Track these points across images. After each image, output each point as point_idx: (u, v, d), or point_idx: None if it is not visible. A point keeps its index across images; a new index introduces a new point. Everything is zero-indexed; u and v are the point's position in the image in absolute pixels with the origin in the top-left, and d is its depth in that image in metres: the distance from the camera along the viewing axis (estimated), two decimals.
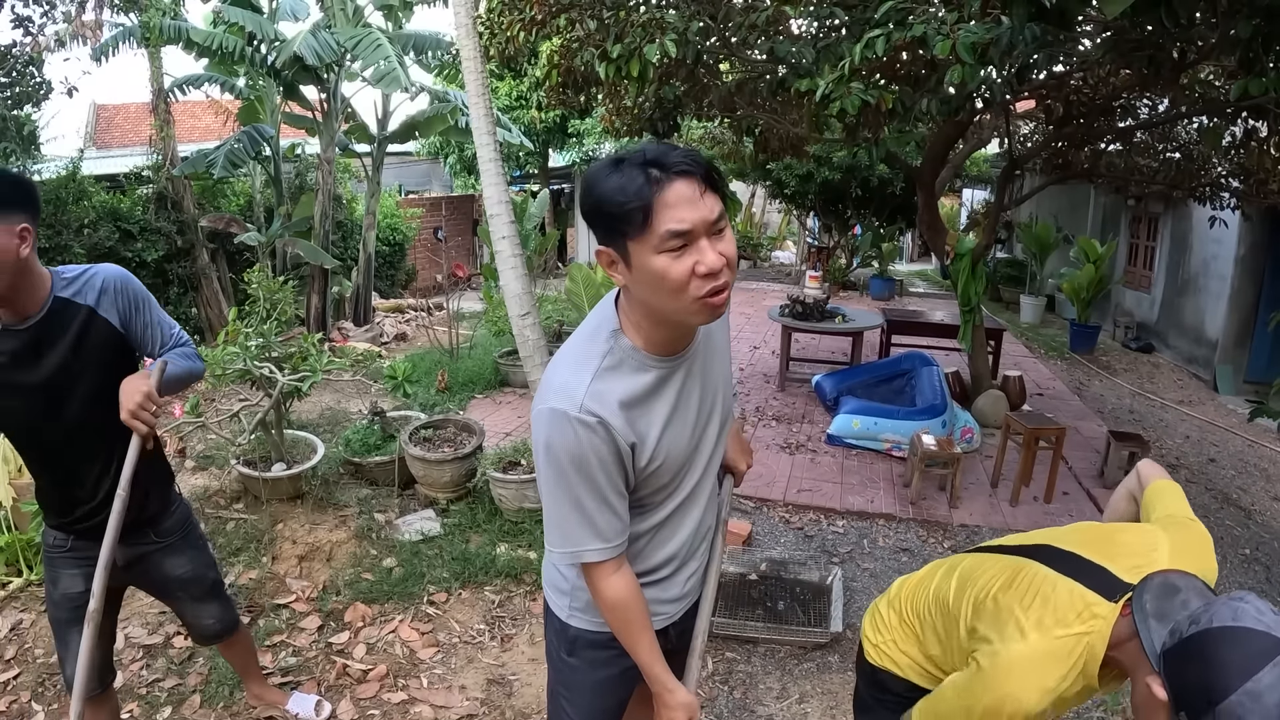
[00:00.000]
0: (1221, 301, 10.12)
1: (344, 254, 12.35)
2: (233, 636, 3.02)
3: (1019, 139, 9.11)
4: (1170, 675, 1.36)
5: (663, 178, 1.45)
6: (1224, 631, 1.30)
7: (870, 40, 3.73)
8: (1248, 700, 1.22)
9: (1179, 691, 1.33)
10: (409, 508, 5.16)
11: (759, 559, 4.55)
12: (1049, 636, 1.57)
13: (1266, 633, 1.27)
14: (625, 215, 1.47)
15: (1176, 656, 1.35)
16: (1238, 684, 1.24)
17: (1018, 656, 1.58)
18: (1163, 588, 1.48)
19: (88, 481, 2.43)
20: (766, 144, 8.03)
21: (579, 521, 1.65)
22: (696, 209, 1.47)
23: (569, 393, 1.59)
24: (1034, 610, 1.62)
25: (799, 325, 8.29)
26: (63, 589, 2.52)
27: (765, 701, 3.55)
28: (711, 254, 1.49)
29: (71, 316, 2.28)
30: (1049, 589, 1.64)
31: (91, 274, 2.34)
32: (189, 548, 2.75)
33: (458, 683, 3.62)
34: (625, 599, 1.73)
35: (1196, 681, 1.30)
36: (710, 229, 1.50)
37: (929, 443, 5.58)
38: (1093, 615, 1.56)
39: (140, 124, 17.09)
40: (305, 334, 5.48)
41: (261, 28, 9.33)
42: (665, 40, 4.39)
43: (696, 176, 1.47)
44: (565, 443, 1.59)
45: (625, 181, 1.46)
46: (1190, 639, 1.33)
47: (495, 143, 5.17)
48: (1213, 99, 6.10)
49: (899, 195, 14.58)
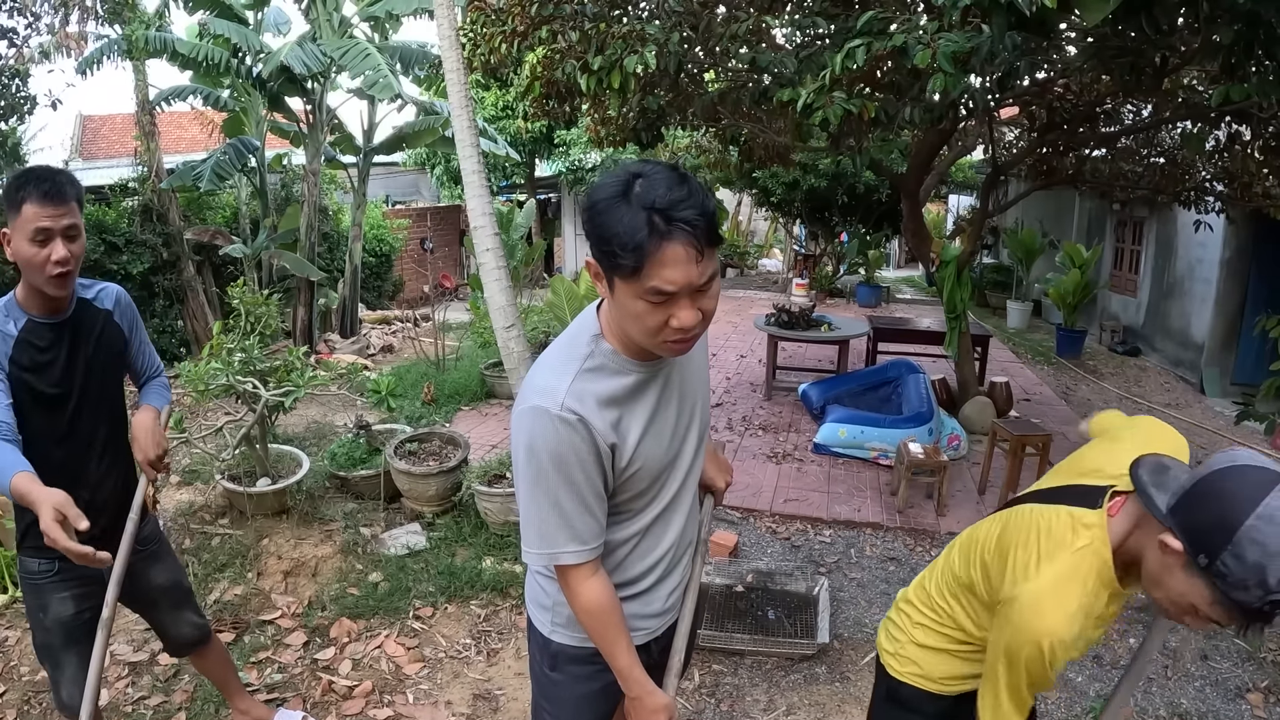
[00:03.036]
0: (1207, 305, 10.15)
1: (330, 265, 12.34)
2: (207, 645, 3.05)
3: (1003, 145, 9.15)
4: (1182, 524, 1.42)
5: (665, 232, 1.43)
6: (1226, 470, 1.39)
7: (851, 50, 3.74)
8: (1261, 524, 1.31)
9: (1193, 535, 1.40)
10: (395, 521, 5.14)
11: (745, 570, 4.54)
12: (1054, 564, 1.60)
13: (1263, 467, 1.37)
14: (618, 258, 1.46)
15: (1185, 505, 1.43)
16: (1250, 509, 1.32)
17: (1034, 594, 1.59)
18: (1155, 466, 1.56)
19: (91, 482, 2.51)
20: (752, 153, 8.04)
21: (557, 522, 1.66)
22: (687, 273, 1.46)
23: (550, 391, 1.61)
24: (1031, 545, 1.65)
25: (785, 334, 8.29)
26: (54, 614, 2.52)
27: (752, 714, 3.53)
28: (688, 313, 1.51)
29: (94, 317, 2.50)
30: (1040, 521, 1.68)
31: (103, 286, 2.57)
32: (166, 554, 2.87)
33: (444, 698, 3.59)
34: (601, 603, 1.72)
35: (1210, 519, 1.38)
36: (696, 289, 1.50)
37: (916, 451, 5.58)
38: (1084, 526, 1.60)
39: (126, 135, 17.01)
40: (291, 347, 5.46)
41: (247, 39, 9.32)
42: (646, 52, 4.39)
43: (698, 237, 1.44)
44: (546, 441, 1.60)
45: (627, 225, 1.44)
46: (1195, 484, 1.42)
47: (479, 154, 5.16)
48: (1196, 104, 6.13)
49: (885, 202, 14.62)
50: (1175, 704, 3.66)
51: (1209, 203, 7.89)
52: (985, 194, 8.25)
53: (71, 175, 2.34)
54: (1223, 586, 1.36)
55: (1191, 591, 1.43)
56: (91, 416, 2.51)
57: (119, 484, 2.63)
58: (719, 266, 1.56)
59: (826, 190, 14.61)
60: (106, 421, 2.57)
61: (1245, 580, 1.33)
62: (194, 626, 2.96)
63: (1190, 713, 3.61)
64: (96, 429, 2.53)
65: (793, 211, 16.62)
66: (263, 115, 10.63)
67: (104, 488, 2.56)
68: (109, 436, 2.58)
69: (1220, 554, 1.35)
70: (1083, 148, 8.01)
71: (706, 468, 2.19)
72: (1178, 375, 10.75)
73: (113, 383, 2.59)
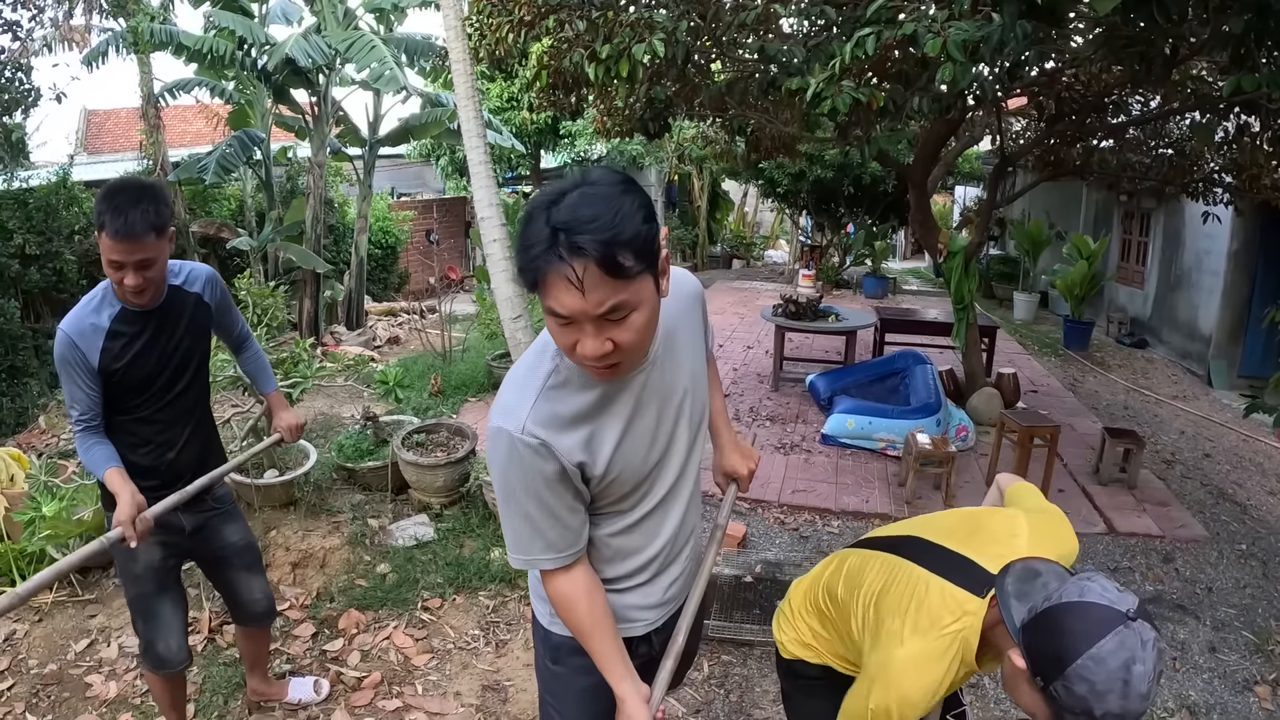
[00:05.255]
0: (1215, 297, 10.11)
1: (336, 258, 12.31)
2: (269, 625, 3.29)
3: (1010, 136, 9.10)
4: (1028, 646, 1.51)
5: (553, 254, 1.36)
6: (1071, 605, 1.46)
7: (861, 39, 3.72)
8: (1092, 664, 1.39)
9: (1035, 660, 1.49)
10: (402, 513, 5.14)
11: (754, 561, 4.54)
12: (926, 639, 1.71)
13: (1108, 606, 1.43)
14: (522, 271, 1.42)
15: (1031, 630, 1.51)
16: (1083, 649, 1.40)
17: (899, 661, 1.71)
18: (1024, 572, 1.63)
19: (178, 446, 2.75)
20: (758, 143, 8.02)
21: (530, 534, 1.68)
22: (579, 300, 1.38)
23: (513, 412, 1.61)
24: (910, 616, 1.75)
25: (792, 325, 8.26)
26: (145, 562, 2.73)
27: (762, 705, 3.53)
28: (591, 342, 1.44)
29: (183, 302, 2.69)
30: (922, 591, 1.78)
31: (192, 267, 2.77)
32: (239, 517, 3.06)
33: (452, 689, 3.60)
34: (572, 599, 1.73)
35: (1048, 650, 1.46)
36: (598, 318, 1.42)
37: (924, 442, 5.57)
38: (964, 612, 1.71)
39: (131, 129, 17.03)
40: (297, 339, 5.45)
41: (252, 31, 9.29)
42: (654, 40, 4.36)
43: (577, 268, 1.35)
44: (509, 462, 1.62)
45: (532, 238, 1.38)
46: (1043, 614, 1.49)
47: (485, 145, 5.15)
48: (1205, 94, 6.09)
49: (891, 193, 14.57)
50: (1183, 696, 3.66)
51: (1217, 194, 7.84)
52: (993, 184, 8.23)
53: (154, 201, 2.41)
54: (1055, 709, 1.47)
55: (1034, 703, 1.53)
56: (181, 393, 2.72)
57: (200, 447, 2.86)
58: (648, 298, 1.47)
59: (833, 181, 14.57)
60: (193, 394, 2.80)
61: (1074, 708, 1.42)
62: (265, 594, 3.13)
63: (1199, 705, 3.61)
64: (184, 402, 2.75)
65: (799, 203, 16.60)
66: (268, 108, 10.59)
67: (188, 450, 2.78)
68: (194, 406, 2.81)
69: (1053, 682, 1.44)
70: (1090, 138, 7.97)
71: (729, 456, 2.21)
72: (1184, 367, 10.72)
73: (200, 359, 2.79)
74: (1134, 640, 1.39)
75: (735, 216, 22.29)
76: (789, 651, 2.19)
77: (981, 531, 1.88)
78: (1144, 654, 1.39)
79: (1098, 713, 1.39)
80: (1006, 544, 1.80)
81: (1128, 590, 1.49)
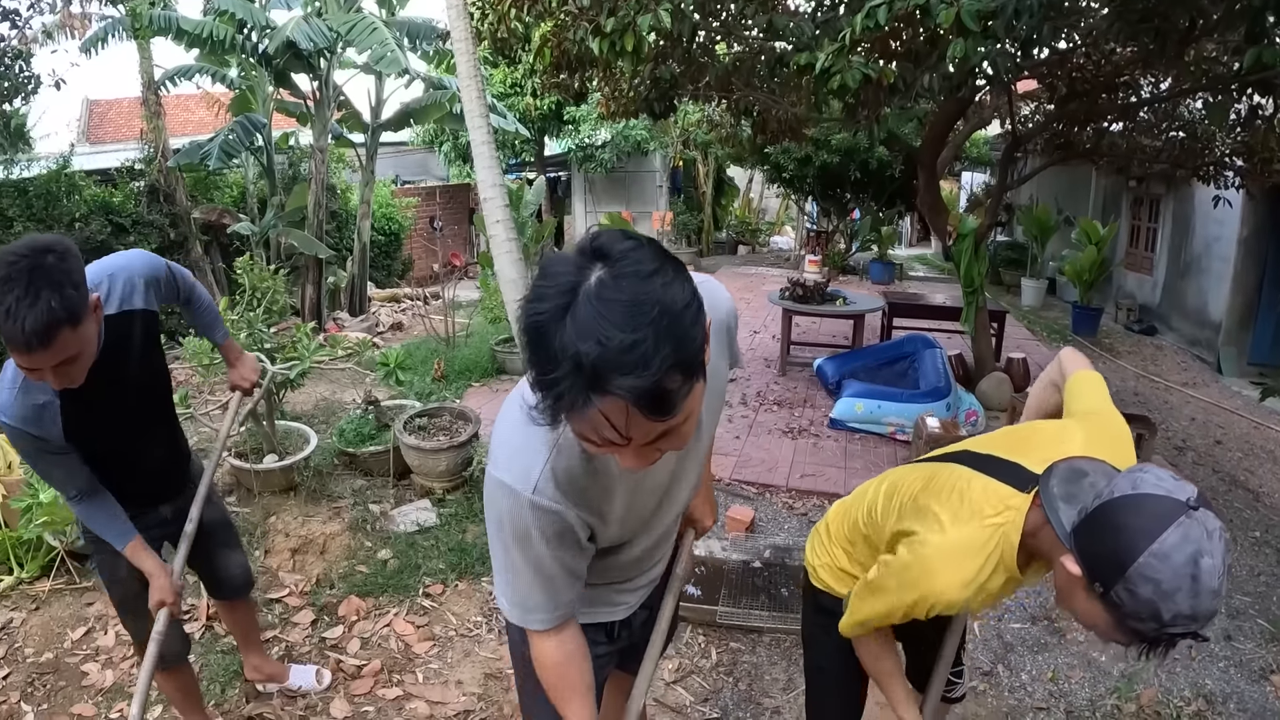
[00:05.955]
0: (1224, 283, 10.01)
1: (339, 244, 12.28)
2: (248, 595, 3.20)
3: (1020, 120, 9.01)
4: (1081, 550, 1.39)
5: (593, 400, 1.08)
6: (1126, 499, 1.34)
7: (872, 9, 3.63)
8: (1155, 561, 1.27)
9: (1091, 564, 1.37)
10: (404, 498, 5.08)
11: (762, 546, 4.47)
12: (965, 529, 1.59)
13: (1167, 496, 1.31)
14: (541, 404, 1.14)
15: (1085, 531, 1.39)
16: (1144, 546, 1.28)
17: (936, 548, 1.60)
18: (1069, 472, 1.52)
19: (145, 453, 2.61)
20: (765, 126, 7.91)
21: (525, 589, 1.56)
22: (618, 437, 1.15)
23: (524, 471, 1.42)
24: (950, 504, 1.64)
25: (799, 309, 8.19)
26: (127, 563, 2.58)
27: (771, 693, 3.46)
28: (634, 461, 1.25)
29: (128, 326, 2.38)
30: (964, 485, 1.67)
31: (127, 279, 2.40)
32: (214, 496, 2.98)
33: (454, 677, 3.53)
34: (557, 663, 1.63)
35: (1106, 551, 1.34)
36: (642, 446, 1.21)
37: (933, 426, 5.49)
38: (1006, 507, 1.59)
39: (134, 119, 16.98)
40: (299, 324, 5.39)
41: (253, 15, 9.24)
42: (660, 10, 4.26)
43: (633, 406, 1.09)
44: (513, 522, 1.47)
45: (548, 368, 1.10)
46: (1095, 511, 1.37)
47: (488, 126, 5.08)
48: (1218, 74, 5.99)
49: (898, 179, 14.46)
50: (1199, 685, 3.59)
51: (1228, 178, 7.75)
52: (1003, 167, 8.14)
53: (54, 284, 1.90)
54: (1118, 615, 1.35)
55: (1093, 613, 1.42)
56: (144, 408, 2.57)
57: (168, 446, 2.76)
58: (696, 402, 1.20)
59: (839, 167, 14.46)
60: (157, 402, 2.66)
61: (1139, 613, 1.31)
62: (242, 569, 3.08)
63: (1215, 694, 3.54)
64: (149, 414, 2.61)
65: (805, 188, 16.49)
66: (269, 93, 10.54)
67: (155, 455, 2.66)
68: (158, 413, 2.68)
69: (1114, 587, 1.33)
70: (1101, 119, 7.87)
71: (698, 505, 2.08)
72: (1194, 354, 10.63)
73: (158, 365, 2.62)
74: (1199, 531, 1.27)
75: (741, 202, 22.19)
76: (819, 579, 2.08)
77: (1031, 439, 1.76)
78: (1211, 545, 1.27)
79: (1166, 615, 1.28)
80: (1057, 449, 1.65)
81: (1184, 479, 1.36)
